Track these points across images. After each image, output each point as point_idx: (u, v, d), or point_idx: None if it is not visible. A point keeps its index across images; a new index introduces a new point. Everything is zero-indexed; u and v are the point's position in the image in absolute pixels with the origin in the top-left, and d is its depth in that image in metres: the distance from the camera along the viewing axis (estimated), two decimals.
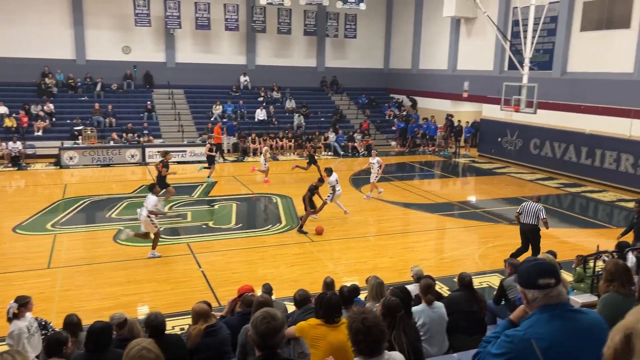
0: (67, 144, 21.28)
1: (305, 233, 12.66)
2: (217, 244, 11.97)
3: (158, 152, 19.73)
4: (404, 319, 4.21)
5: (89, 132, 22.10)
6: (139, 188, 17.19)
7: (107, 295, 9.10)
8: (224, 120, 25.55)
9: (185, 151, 21.83)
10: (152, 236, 11.07)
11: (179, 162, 21.48)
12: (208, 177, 18.31)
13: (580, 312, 2.42)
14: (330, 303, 4.23)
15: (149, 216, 10.81)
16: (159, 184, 13.27)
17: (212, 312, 5.48)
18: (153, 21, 26.10)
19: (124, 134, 22.37)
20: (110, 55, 26.27)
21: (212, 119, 25.21)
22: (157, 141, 22.61)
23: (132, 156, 21.21)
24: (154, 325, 4.70)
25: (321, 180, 13.85)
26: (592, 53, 19.33)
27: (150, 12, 25.80)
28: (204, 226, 13.28)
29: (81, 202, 15.22)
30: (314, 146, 22.44)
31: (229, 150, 23.86)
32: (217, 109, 25.88)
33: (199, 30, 27.30)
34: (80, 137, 21.85)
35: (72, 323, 5.60)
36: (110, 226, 13.04)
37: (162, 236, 12.26)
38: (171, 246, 11.70)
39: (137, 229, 11.46)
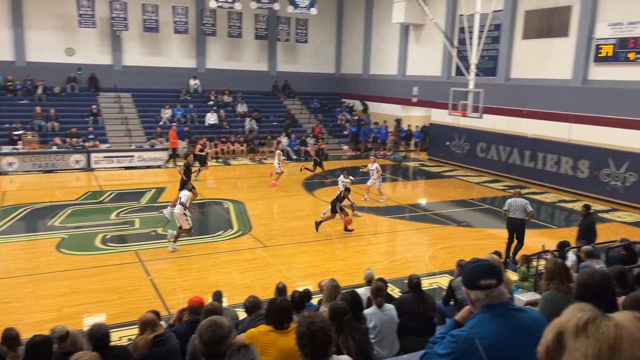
0: (6, 149, 20.30)
1: (351, 230, 13.24)
2: (167, 251, 11.68)
3: (181, 155, 20.50)
4: (352, 323, 4.23)
5: (29, 137, 21.15)
6: (84, 195, 16.59)
7: (49, 307, 8.72)
8: (174, 124, 25.07)
9: (132, 156, 21.25)
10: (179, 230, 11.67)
11: (126, 168, 20.94)
12: (196, 177, 18.36)
13: (521, 311, 2.50)
14: (279, 309, 4.20)
15: (184, 213, 11.53)
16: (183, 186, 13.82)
17: (161, 322, 5.33)
18: (98, 22, 25.30)
19: (68, 139, 21.55)
20: (52, 57, 25.27)
21: (160, 123, 24.69)
22: (104, 146, 21.91)
23: (77, 162, 20.44)
24: (97, 337, 4.52)
25: (347, 190, 13.89)
26: (534, 60, 20.13)
27: (95, 13, 25.01)
28: (152, 233, 12.94)
29: (21, 210, 14.53)
30: (320, 148, 21.84)
31: (178, 155, 23.39)
32: (166, 113, 25.36)
33: (147, 33, 26.69)
34: (20, 142, 20.89)
35: (10, 337, 5.32)
36: (53, 235, 12.51)
37: (109, 244, 11.92)
38: (118, 254, 11.34)
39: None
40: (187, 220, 11.57)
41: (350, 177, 15.67)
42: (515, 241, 11.36)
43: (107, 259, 10.96)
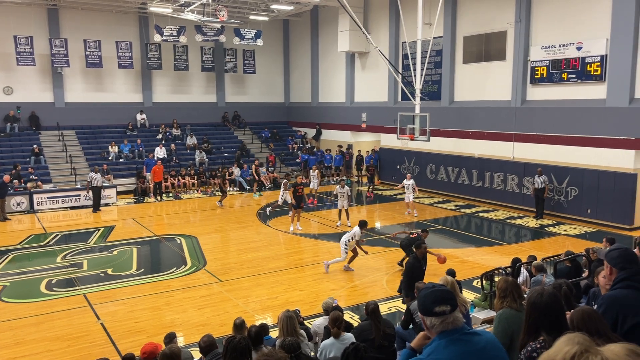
0: None
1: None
2: (118, 292, 11.24)
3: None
4: (301, 357, 4.19)
5: None
6: (26, 238, 15.82)
7: None
8: (121, 160, 24.51)
9: (79, 195, 20.50)
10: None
11: (72, 208, 20.18)
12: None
13: (475, 334, 2.52)
14: (237, 348, 4.07)
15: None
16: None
17: None
18: (38, 60, 24.61)
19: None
20: None
21: (109, 159, 24.10)
22: (47, 186, 21.05)
23: (18, 204, 19.54)
24: None
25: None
26: (475, 83, 20.94)
27: (34, 51, 24.34)
28: (102, 274, 12.44)
29: None
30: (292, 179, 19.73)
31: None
32: (113, 149, 24.74)
33: (90, 68, 26.13)
34: None
35: None
36: None
37: (55, 289, 11.36)
38: (66, 299, 10.80)
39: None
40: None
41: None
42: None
43: (54, 305, 10.42)
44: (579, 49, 16.98)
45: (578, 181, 17.16)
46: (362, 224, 12.63)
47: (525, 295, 4.13)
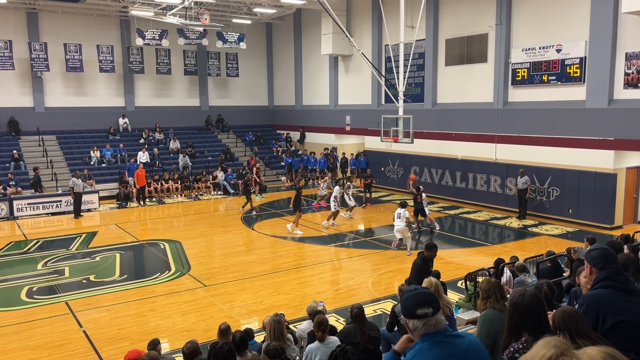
0: None
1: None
2: (101, 298, 11.10)
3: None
4: None
5: None
6: (6, 245, 15.54)
7: None
8: (104, 165, 24.24)
9: (60, 201, 20.22)
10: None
11: (53, 214, 19.89)
12: (243, 206, 20.37)
13: (458, 337, 2.53)
14: (220, 353, 4.05)
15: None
16: None
17: None
18: (17, 64, 24.25)
19: None
20: None
21: (91, 164, 23.81)
22: (27, 192, 20.74)
23: None
24: None
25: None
26: (457, 85, 21.10)
27: (13, 55, 23.97)
28: (84, 281, 12.27)
29: None
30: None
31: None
32: (95, 154, 24.46)
33: (71, 73, 25.83)
34: None
35: None
36: None
37: (37, 296, 11.18)
38: (47, 306, 10.63)
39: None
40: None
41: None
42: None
43: (35, 313, 10.26)
44: (558, 51, 17.22)
45: (559, 182, 17.38)
46: (404, 204, 13.96)
47: (508, 296, 4.16)
